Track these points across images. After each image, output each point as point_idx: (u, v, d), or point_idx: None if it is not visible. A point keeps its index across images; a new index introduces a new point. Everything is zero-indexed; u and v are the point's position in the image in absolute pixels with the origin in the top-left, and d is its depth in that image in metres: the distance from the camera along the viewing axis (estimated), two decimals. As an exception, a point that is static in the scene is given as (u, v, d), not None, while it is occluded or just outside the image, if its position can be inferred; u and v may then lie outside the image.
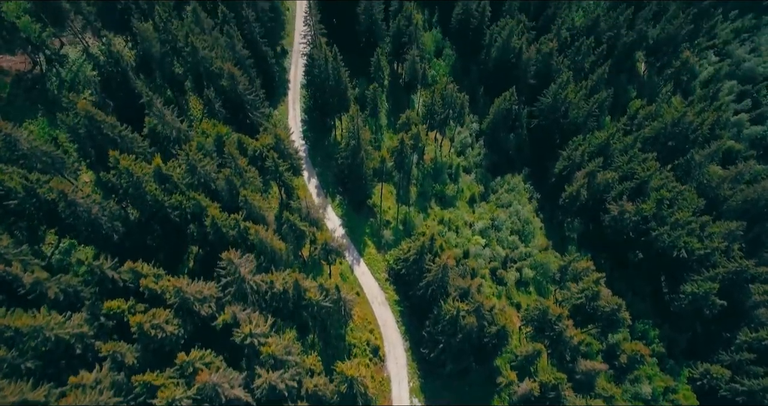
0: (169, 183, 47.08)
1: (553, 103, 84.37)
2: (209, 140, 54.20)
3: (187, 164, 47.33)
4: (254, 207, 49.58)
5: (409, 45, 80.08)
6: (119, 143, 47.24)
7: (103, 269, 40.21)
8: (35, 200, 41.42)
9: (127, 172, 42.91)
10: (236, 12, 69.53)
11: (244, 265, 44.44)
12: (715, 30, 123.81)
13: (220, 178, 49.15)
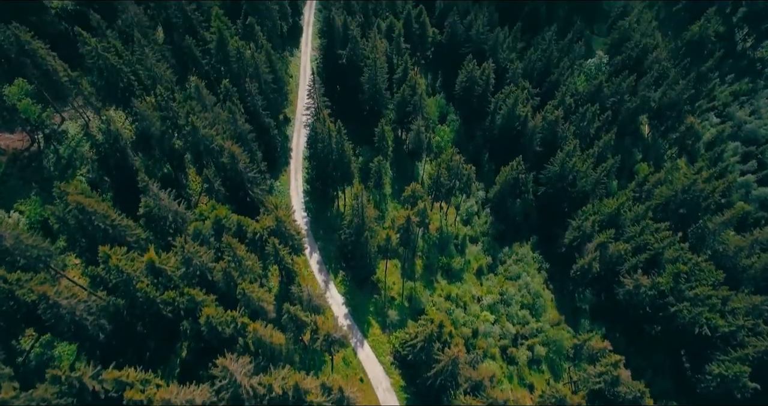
0: (163, 277, 44.02)
1: (561, 171, 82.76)
2: (207, 224, 51.63)
3: (182, 256, 44.44)
4: (253, 300, 46.28)
5: (413, 114, 79.34)
6: (111, 233, 44.60)
7: (83, 380, 36.44)
8: (13, 303, 38.29)
9: (117, 270, 39.99)
10: (239, 86, 69.15)
11: (240, 369, 40.64)
12: (714, 92, 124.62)
13: (217, 270, 46.17)
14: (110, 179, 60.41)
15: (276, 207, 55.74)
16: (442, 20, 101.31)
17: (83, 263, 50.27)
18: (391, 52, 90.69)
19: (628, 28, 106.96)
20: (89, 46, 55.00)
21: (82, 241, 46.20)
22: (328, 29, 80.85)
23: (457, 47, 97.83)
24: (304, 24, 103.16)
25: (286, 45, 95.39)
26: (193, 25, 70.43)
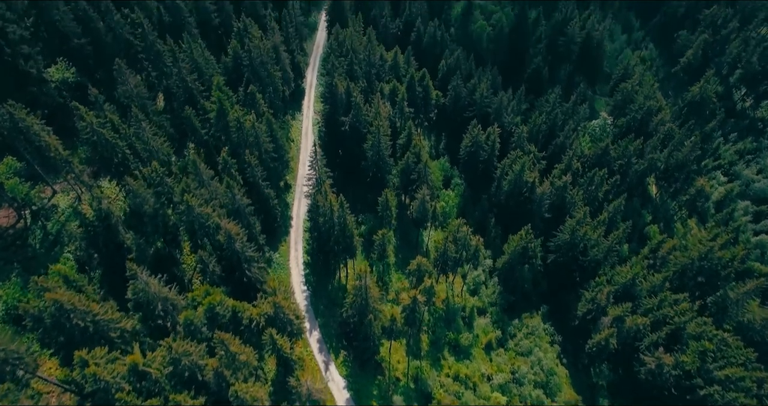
0: (147, 380, 39.73)
1: (571, 239, 79.58)
2: (200, 312, 47.80)
3: (169, 356, 40.34)
4: (246, 401, 41.74)
5: (418, 182, 77.01)
6: (91, 331, 40.71)
7: None
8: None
9: (94, 378, 35.86)
10: (239, 156, 67.14)
11: None
12: (719, 151, 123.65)
13: (208, 369, 41.93)
14: (99, 256, 57.12)
15: (274, 291, 52.02)
16: (445, 83, 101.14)
17: (58, 362, 45.95)
18: (394, 116, 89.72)
19: (630, 91, 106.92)
20: (84, 122, 53.07)
21: (59, 338, 42.20)
22: (331, 96, 79.91)
23: (461, 110, 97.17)
24: (307, 86, 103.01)
25: (288, 108, 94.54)
26: (194, 94, 69.21)
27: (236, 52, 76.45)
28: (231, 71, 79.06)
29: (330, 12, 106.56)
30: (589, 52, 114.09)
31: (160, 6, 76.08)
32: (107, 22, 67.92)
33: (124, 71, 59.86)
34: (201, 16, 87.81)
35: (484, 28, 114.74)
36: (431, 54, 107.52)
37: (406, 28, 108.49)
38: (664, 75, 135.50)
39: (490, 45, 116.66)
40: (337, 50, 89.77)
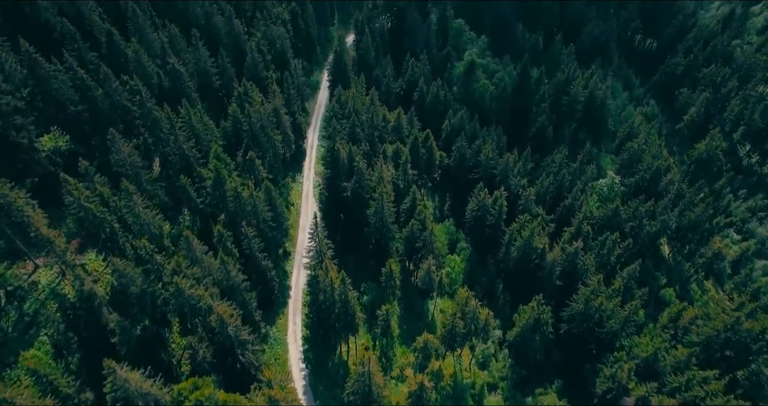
0: None
1: (585, 310, 75.01)
2: (185, 409, 42.91)
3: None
4: None
5: (423, 252, 73.36)
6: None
7: None
8: None
9: None
10: (235, 224, 63.95)
11: None
12: (730, 208, 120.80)
13: None
14: (79, 339, 52.75)
15: (269, 382, 47.24)
16: (449, 143, 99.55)
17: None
18: (398, 178, 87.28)
19: (637, 150, 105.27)
20: (71, 197, 50.12)
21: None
22: (332, 160, 77.69)
23: (466, 171, 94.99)
24: (308, 146, 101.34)
25: (289, 170, 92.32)
26: (190, 162, 66.82)
27: (236, 116, 74.90)
28: (230, 135, 77.25)
29: (332, 72, 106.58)
30: (592, 110, 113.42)
31: (160, 71, 75.13)
32: (106, 89, 66.51)
33: (118, 141, 57.54)
34: (202, 79, 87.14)
35: (486, 88, 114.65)
36: (434, 113, 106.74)
37: (408, 88, 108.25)
38: (667, 131, 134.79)
39: (493, 103, 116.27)
40: (339, 112, 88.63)
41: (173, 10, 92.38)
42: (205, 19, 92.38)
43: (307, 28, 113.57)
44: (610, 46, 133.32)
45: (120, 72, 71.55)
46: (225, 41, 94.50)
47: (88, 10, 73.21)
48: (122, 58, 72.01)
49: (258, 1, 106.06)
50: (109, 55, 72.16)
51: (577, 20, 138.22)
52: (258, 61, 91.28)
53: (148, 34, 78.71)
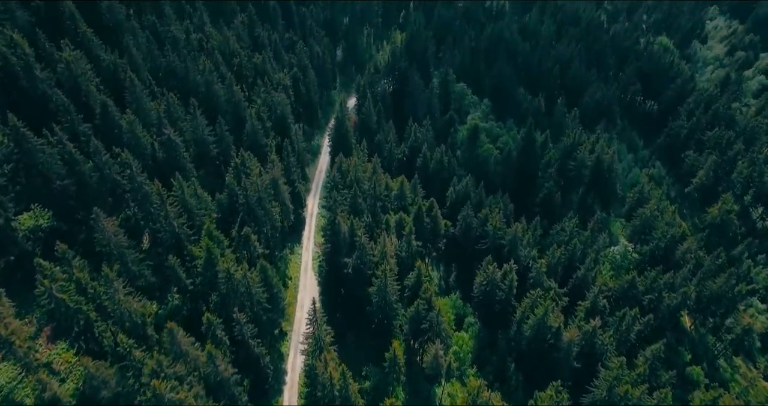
0: None
1: (609, 397, 68.13)
2: None
3: None
4: None
5: (430, 335, 67.54)
6: None
7: None
8: None
9: None
10: (227, 306, 58.79)
11: None
12: (751, 274, 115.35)
13: None
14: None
15: None
16: (454, 210, 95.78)
17: None
18: (401, 250, 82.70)
19: (649, 217, 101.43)
20: (42, 288, 45.38)
21: None
22: (332, 234, 73.56)
23: (473, 241, 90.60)
24: (307, 215, 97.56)
25: (287, 241, 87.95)
26: (181, 239, 62.59)
27: (232, 188, 71.48)
28: (226, 208, 73.49)
29: (333, 138, 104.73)
30: (600, 175, 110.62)
31: (155, 142, 72.53)
32: (96, 162, 63.40)
33: (101, 220, 53.49)
34: (199, 148, 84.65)
35: (490, 152, 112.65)
36: (438, 179, 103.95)
37: (411, 154, 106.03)
38: (676, 193, 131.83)
39: (498, 167, 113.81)
40: (340, 181, 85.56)
41: (173, 78, 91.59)
42: (205, 87, 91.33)
43: (309, 93, 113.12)
44: (612, 109, 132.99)
45: (113, 143, 68.81)
46: (225, 108, 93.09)
47: (86, 81, 71.50)
48: (116, 130, 69.45)
49: (259, 68, 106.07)
50: (103, 127, 69.66)
51: (577, 83, 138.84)
52: (257, 128, 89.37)
53: (145, 103, 76.89)
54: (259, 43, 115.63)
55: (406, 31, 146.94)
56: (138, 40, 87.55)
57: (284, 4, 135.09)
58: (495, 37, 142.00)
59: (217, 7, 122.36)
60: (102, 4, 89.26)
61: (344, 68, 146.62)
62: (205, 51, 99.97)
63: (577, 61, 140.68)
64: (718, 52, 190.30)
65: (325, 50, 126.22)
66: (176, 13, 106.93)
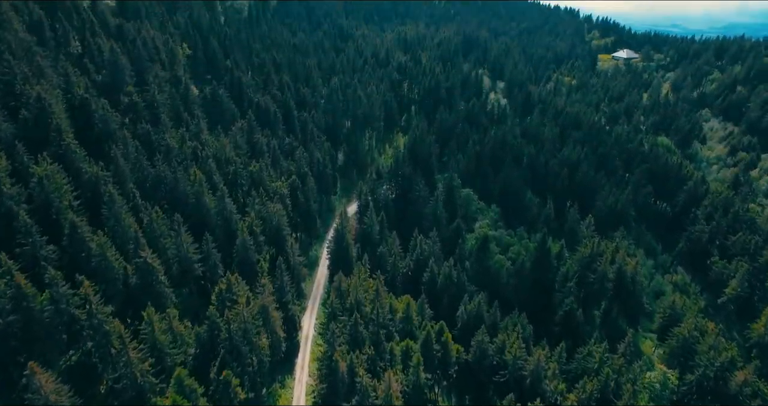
0: None
1: None
2: None
3: None
4: None
5: None
6: None
7: None
8: None
9: None
10: None
11: None
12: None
13: None
14: None
15: None
16: (466, 332, 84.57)
17: None
18: (408, 384, 70.47)
19: (688, 338, 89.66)
20: None
21: None
22: (329, 373, 62.42)
23: (488, 371, 78.59)
24: (302, 338, 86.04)
25: (277, 372, 75.76)
26: (144, 391, 51.39)
27: (213, 321, 61.45)
28: (206, 343, 62.97)
29: (332, 251, 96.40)
30: (624, 287, 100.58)
31: (128, 266, 63.92)
32: (52, 294, 54.19)
33: (34, 378, 42.99)
34: (183, 266, 76.23)
35: (502, 264, 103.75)
36: (447, 295, 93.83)
37: (417, 267, 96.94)
38: (706, 303, 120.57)
39: (511, 280, 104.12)
40: (339, 306, 75.70)
41: (161, 189, 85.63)
42: (195, 198, 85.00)
43: (307, 201, 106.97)
44: (627, 214, 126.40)
45: (79, 268, 60.20)
46: (215, 221, 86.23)
47: (58, 198, 64.77)
48: (84, 253, 61.17)
49: (255, 176, 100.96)
50: (71, 249, 61.55)
51: (587, 187, 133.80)
52: (249, 244, 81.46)
53: (124, 220, 69.56)
54: (258, 149, 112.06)
55: (409, 135, 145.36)
56: (128, 149, 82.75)
57: (286, 109, 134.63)
58: (499, 141, 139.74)
59: (218, 113, 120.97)
60: (95, 113, 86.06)
61: (345, 172, 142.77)
62: (199, 159, 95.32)
63: (585, 164, 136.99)
64: (719, 152, 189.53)
65: (325, 156, 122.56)
66: (173, 121, 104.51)
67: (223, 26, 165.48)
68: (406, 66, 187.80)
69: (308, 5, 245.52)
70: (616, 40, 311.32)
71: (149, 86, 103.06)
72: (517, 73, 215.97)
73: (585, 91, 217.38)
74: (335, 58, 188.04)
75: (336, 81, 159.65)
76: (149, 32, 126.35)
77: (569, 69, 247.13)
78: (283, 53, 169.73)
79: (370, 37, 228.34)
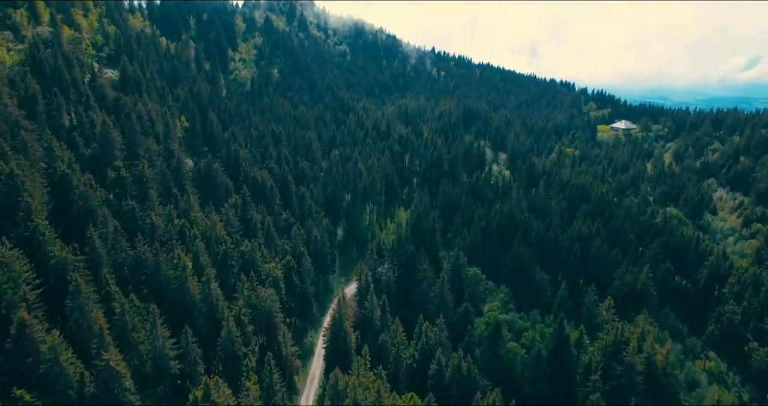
0: None
1: None
2: None
3: None
4: None
5: None
6: None
7: None
8: None
9: None
10: None
11: None
12: None
13: None
14: None
15: None
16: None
17: None
18: None
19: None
20: None
21: None
22: None
23: None
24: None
25: None
26: None
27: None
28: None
29: (329, 341, 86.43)
30: (655, 380, 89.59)
31: (85, 372, 54.61)
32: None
33: None
34: (158, 363, 66.73)
35: (516, 352, 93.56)
36: (456, 390, 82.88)
37: (422, 359, 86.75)
38: (751, 396, 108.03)
39: (527, 372, 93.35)
40: (334, 414, 65.29)
41: (140, 274, 77.88)
42: (177, 284, 76.97)
43: (303, 284, 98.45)
44: (648, 294, 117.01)
45: (25, 376, 51.13)
46: (199, 309, 77.67)
47: (10, 290, 56.59)
48: (31, 357, 52.17)
49: (247, 257, 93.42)
50: (16, 353, 52.60)
51: (602, 264, 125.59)
52: (235, 336, 72.36)
53: (89, 313, 61.08)
54: (251, 227, 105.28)
55: (411, 210, 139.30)
56: (107, 228, 75.86)
57: (283, 183, 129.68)
58: (506, 216, 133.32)
59: (211, 188, 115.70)
60: (76, 190, 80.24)
61: (345, 248, 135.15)
62: (186, 239, 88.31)
63: (598, 239, 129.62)
64: (732, 223, 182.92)
65: (323, 233, 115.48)
66: (163, 196, 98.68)
67: (224, 99, 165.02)
68: (408, 138, 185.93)
69: (310, 79, 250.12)
70: (612, 112, 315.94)
71: (139, 160, 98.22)
72: (519, 145, 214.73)
73: (589, 162, 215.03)
74: (336, 131, 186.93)
75: (336, 153, 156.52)
76: (147, 105, 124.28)
77: (570, 140, 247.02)
78: (283, 125, 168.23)
79: (371, 109, 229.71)
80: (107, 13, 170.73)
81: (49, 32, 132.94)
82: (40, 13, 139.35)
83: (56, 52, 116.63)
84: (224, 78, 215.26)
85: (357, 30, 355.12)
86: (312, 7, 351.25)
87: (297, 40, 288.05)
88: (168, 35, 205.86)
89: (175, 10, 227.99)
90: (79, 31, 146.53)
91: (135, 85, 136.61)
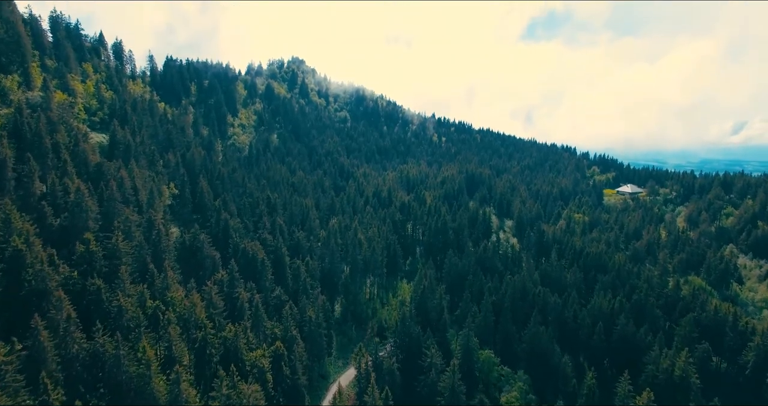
0: None
1: None
2: None
3: None
4: None
5: None
6: None
7: None
8: None
9: None
10: None
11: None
12: None
13: None
14: None
15: None
16: None
17: None
18: None
19: None
20: None
21: None
22: None
23: None
24: None
25: None
26: None
27: None
28: None
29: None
30: None
31: None
32: None
33: None
34: None
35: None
36: None
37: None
38: None
39: None
40: None
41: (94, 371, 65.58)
42: (139, 383, 64.43)
43: (294, 375, 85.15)
44: (691, 383, 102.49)
45: None
46: (164, 413, 64.44)
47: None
48: None
49: (230, 345, 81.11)
50: None
51: (630, 345, 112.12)
52: (203, 451, 58.74)
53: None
54: (237, 307, 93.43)
55: (415, 284, 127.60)
56: (56, 322, 64.47)
57: (277, 255, 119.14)
58: (518, 290, 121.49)
59: (195, 262, 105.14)
60: (29, 269, 69.76)
61: (342, 327, 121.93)
62: (159, 325, 76.65)
63: (622, 316, 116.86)
64: (764, 294, 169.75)
65: (319, 313, 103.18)
66: (137, 273, 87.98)
67: (218, 164, 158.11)
68: (410, 206, 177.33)
69: (310, 144, 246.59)
70: (617, 175, 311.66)
71: (113, 232, 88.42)
72: (525, 211, 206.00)
73: (600, 228, 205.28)
74: (335, 198, 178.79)
75: (335, 223, 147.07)
76: (132, 171, 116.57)
77: (578, 205, 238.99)
78: (279, 192, 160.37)
79: (371, 175, 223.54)
80: (107, 78, 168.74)
81: (39, 97, 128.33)
82: (34, 79, 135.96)
83: (40, 116, 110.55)
84: (222, 143, 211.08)
85: (358, 96, 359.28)
86: (314, 74, 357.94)
87: (298, 106, 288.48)
88: (168, 101, 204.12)
89: (177, 76, 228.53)
90: (74, 96, 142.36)
91: (124, 150, 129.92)
